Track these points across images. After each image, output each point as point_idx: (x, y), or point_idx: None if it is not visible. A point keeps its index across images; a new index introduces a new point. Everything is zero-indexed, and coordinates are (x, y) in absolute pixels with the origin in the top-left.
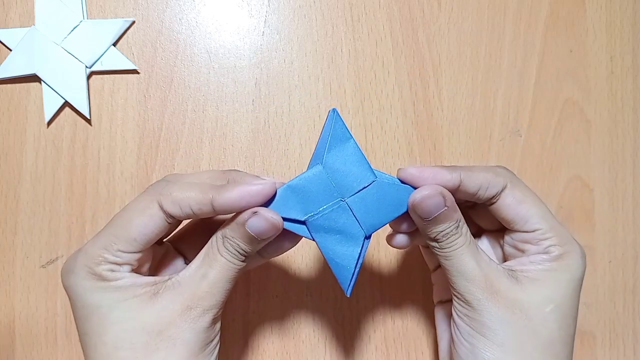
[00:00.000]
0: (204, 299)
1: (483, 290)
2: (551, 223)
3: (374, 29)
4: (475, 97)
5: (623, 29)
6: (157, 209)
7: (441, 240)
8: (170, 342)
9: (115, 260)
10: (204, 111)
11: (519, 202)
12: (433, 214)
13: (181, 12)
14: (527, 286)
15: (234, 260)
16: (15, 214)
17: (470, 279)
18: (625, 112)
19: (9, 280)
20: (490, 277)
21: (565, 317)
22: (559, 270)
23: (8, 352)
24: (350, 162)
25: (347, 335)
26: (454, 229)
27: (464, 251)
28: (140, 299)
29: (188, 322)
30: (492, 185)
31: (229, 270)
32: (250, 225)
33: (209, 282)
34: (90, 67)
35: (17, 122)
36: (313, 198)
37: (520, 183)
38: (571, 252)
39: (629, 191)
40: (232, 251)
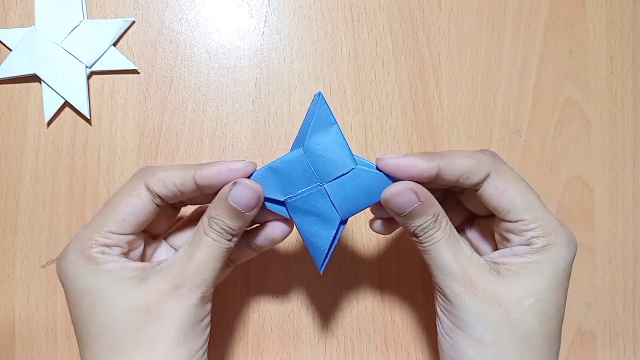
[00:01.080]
0: (191, 277)
1: (461, 285)
2: (536, 213)
3: (374, 29)
4: (475, 97)
5: (623, 29)
6: (144, 189)
7: (419, 235)
8: (159, 319)
9: (105, 242)
10: (204, 111)
11: (501, 191)
12: (406, 210)
13: (181, 12)
14: (507, 279)
15: (220, 238)
16: (15, 214)
17: (449, 274)
18: (625, 112)
19: (9, 280)
20: (469, 272)
21: (547, 310)
22: (540, 262)
23: (8, 352)
24: (331, 147)
25: (347, 335)
26: (431, 223)
27: (442, 245)
28: (130, 281)
29: (176, 300)
30: (474, 173)
31: (215, 249)
32: (232, 195)
33: (196, 261)
34: (90, 67)
35: (17, 122)
36: (292, 180)
37: (505, 170)
38: (556, 243)
39: (629, 191)
40: (218, 229)
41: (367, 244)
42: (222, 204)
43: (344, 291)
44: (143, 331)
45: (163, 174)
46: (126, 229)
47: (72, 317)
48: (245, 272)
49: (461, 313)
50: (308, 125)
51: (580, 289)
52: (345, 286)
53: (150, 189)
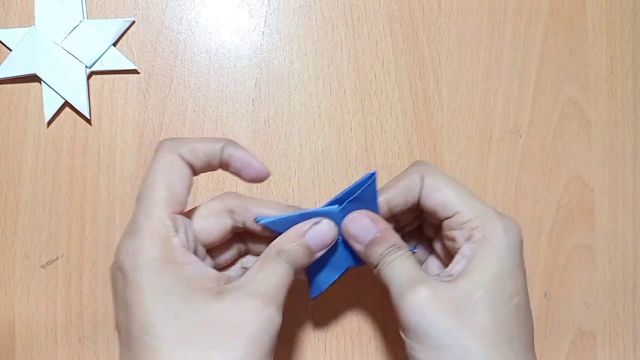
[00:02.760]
0: (274, 298)
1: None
2: (470, 204)
3: (374, 29)
4: (475, 97)
5: (623, 29)
6: (179, 160)
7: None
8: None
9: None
10: (204, 111)
11: (432, 189)
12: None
13: (181, 12)
14: (458, 282)
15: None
16: (15, 214)
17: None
18: (625, 112)
19: (9, 280)
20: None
21: (495, 300)
22: (483, 254)
23: (8, 352)
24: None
25: (347, 335)
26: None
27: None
28: (209, 293)
29: (265, 318)
30: (412, 187)
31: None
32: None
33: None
34: (90, 67)
35: (17, 122)
36: None
37: (433, 172)
38: (493, 231)
39: (629, 191)
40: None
41: None
42: (297, 240)
43: (344, 291)
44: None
45: (192, 143)
46: (182, 206)
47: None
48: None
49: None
50: (352, 193)
51: (580, 289)
52: (345, 286)
53: (185, 158)
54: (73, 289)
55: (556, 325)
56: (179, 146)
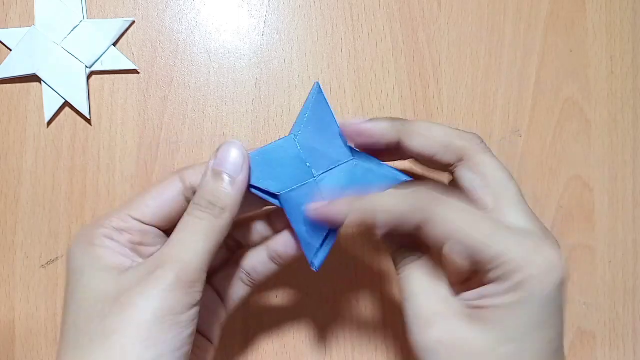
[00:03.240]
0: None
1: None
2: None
3: (374, 29)
4: (475, 97)
5: (623, 29)
6: (177, 180)
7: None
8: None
9: (117, 225)
10: (204, 111)
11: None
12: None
13: (181, 12)
14: (483, 326)
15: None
16: (15, 214)
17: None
18: (625, 112)
19: (9, 280)
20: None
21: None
22: (517, 304)
23: (8, 352)
24: (326, 138)
25: (347, 335)
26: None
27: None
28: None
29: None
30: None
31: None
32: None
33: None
34: (90, 67)
35: (17, 122)
36: (287, 172)
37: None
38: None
39: (629, 191)
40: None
41: (367, 243)
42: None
43: (343, 291)
44: (103, 323)
45: (200, 166)
46: (146, 216)
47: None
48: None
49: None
50: (304, 115)
51: (580, 289)
52: (345, 286)
53: (186, 180)
54: None
55: None
56: (183, 169)
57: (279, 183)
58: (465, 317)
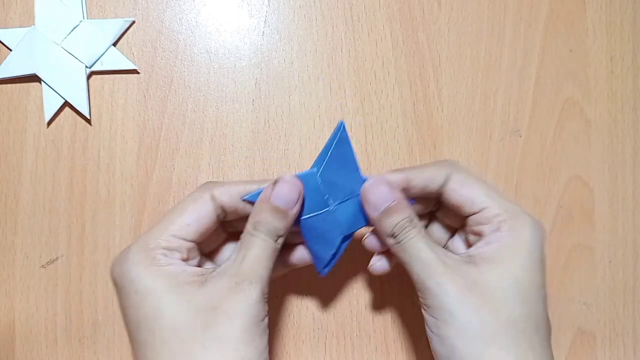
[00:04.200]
0: (249, 274)
1: (440, 274)
2: (498, 200)
3: (374, 29)
4: (475, 97)
5: (623, 29)
6: (209, 198)
7: (397, 234)
8: (226, 317)
9: (167, 245)
10: (204, 111)
11: (462, 185)
12: (382, 205)
13: (181, 12)
14: (483, 267)
15: (267, 239)
16: (15, 214)
17: (428, 264)
18: (625, 112)
19: (9, 280)
20: (448, 263)
21: (527, 291)
22: (513, 245)
23: (8, 352)
24: (345, 173)
25: (347, 335)
26: (407, 222)
27: (419, 240)
28: (192, 284)
29: (239, 295)
30: (436, 176)
31: (265, 248)
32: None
33: (250, 260)
34: (90, 67)
35: (17, 122)
36: (307, 201)
37: (463, 170)
38: (523, 226)
39: (629, 191)
40: (264, 231)
41: None
42: (265, 206)
43: (344, 291)
44: (212, 330)
45: (229, 185)
46: (189, 234)
47: (131, 319)
48: None
49: (445, 304)
50: (327, 151)
51: (580, 289)
52: (346, 286)
53: (217, 199)
54: (73, 289)
55: (556, 325)
56: (214, 187)
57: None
58: (464, 263)
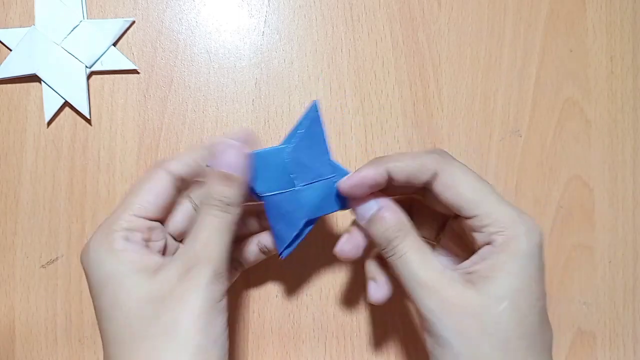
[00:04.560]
0: (198, 256)
1: (434, 300)
2: (488, 206)
3: (374, 29)
4: (475, 97)
5: (623, 29)
6: (164, 173)
7: (385, 247)
8: (174, 305)
9: (129, 226)
10: (204, 111)
11: (449, 187)
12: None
13: (181, 12)
14: (480, 287)
15: (219, 212)
16: (15, 214)
17: (422, 286)
18: (625, 112)
19: (9, 280)
20: (442, 285)
21: (522, 309)
22: (507, 261)
23: (8, 352)
24: (314, 154)
25: (347, 335)
26: (396, 231)
27: (412, 255)
28: (146, 271)
29: (187, 282)
30: (421, 172)
31: (217, 223)
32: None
33: (200, 241)
34: (90, 67)
35: (17, 122)
36: (272, 178)
37: (452, 166)
38: (515, 236)
39: (629, 191)
40: (215, 203)
41: None
42: (211, 176)
43: (343, 291)
44: (161, 321)
45: (179, 156)
46: (150, 212)
47: (96, 308)
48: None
49: (440, 331)
50: (298, 130)
51: (580, 289)
52: (345, 286)
53: (173, 172)
54: (73, 289)
55: (556, 325)
56: (164, 161)
57: (264, 185)
58: (461, 283)
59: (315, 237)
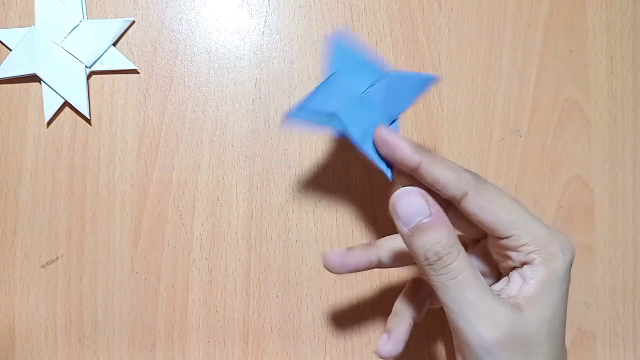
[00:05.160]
0: None
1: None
2: (525, 225)
3: (374, 29)
4: (475, 97)
5: (623, 29)
6: None
7: (433, 263)
8: None
9: None
10: (204, 111)
11: (482, 207)
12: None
13: (181, 12)
14: (528, 311)
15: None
16: (15, 214)
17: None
18: (625, 112)
19: (9, 280)
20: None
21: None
22: (551, 281)
23: (8, 352)
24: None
25: (347, 335)
26: (448, 247)
27: (466, 278)
28: None
29: None
30: (452, 186)
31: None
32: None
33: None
34: (90, 67)
35: (17, 122)
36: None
37: (486, 187)
38: (553, 254)
39: (629, 191)
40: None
41: None
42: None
43: (344, 291)
44: None
45: None
46: None
47: None
48: (245, 272)
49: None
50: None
51: (580, 289)
52: (345, 286)
53: None
54: (73, 289)
55: None
56: None
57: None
58: (512, 310)
59: (315, 237)
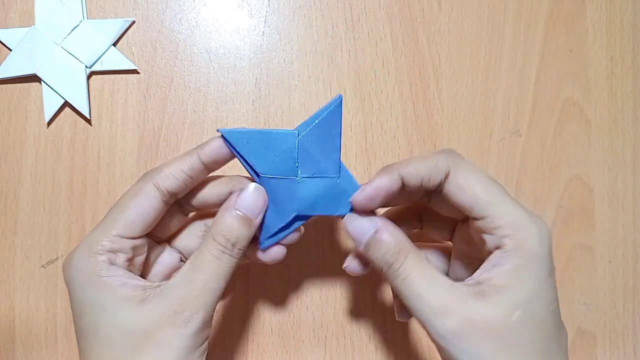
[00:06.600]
0: (192, 303)
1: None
2: (501, 207)
3: (374, 29)
4: (475, 97)
5: (623, 29)
6: (152, 188)
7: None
8: (157, 346)
9: (112, 247)
10: (204, 111)
11: (461, 188)
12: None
13: (181, 12)
14: (492, 298)
15: (224, 255)
16: (15, 214)
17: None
18: (625, 112)
19: (9, 280)
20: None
21: (536, 315)
22: (519, 267)
23: (8, 352)
24: (324, 149)
25: (347, 335)
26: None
27: (415, 276)
28: (130, 301)
29: (175, 328)
30: (434, 173)
31: (218, 268)
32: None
33: (197, 285)
34: (90, 67)
35: (17, 122)
36: (276, 161)
37: (464, 166)
38: (527, 239)
39: (629, 191)
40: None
41: None
42: (227, 214)
43: (343, 291)
44: (141, 357)
45: (168, 168)
46: (135, 231)
47: (75, 326)
48: (245, 272)
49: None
50: (315, 119)
51: (580, 289)
52: (345, 286)
53: (160, 186)
54: None
55: None
56: (154, 175)
57: (266, 165)
58: (472, 297)
59: (315, 237)
